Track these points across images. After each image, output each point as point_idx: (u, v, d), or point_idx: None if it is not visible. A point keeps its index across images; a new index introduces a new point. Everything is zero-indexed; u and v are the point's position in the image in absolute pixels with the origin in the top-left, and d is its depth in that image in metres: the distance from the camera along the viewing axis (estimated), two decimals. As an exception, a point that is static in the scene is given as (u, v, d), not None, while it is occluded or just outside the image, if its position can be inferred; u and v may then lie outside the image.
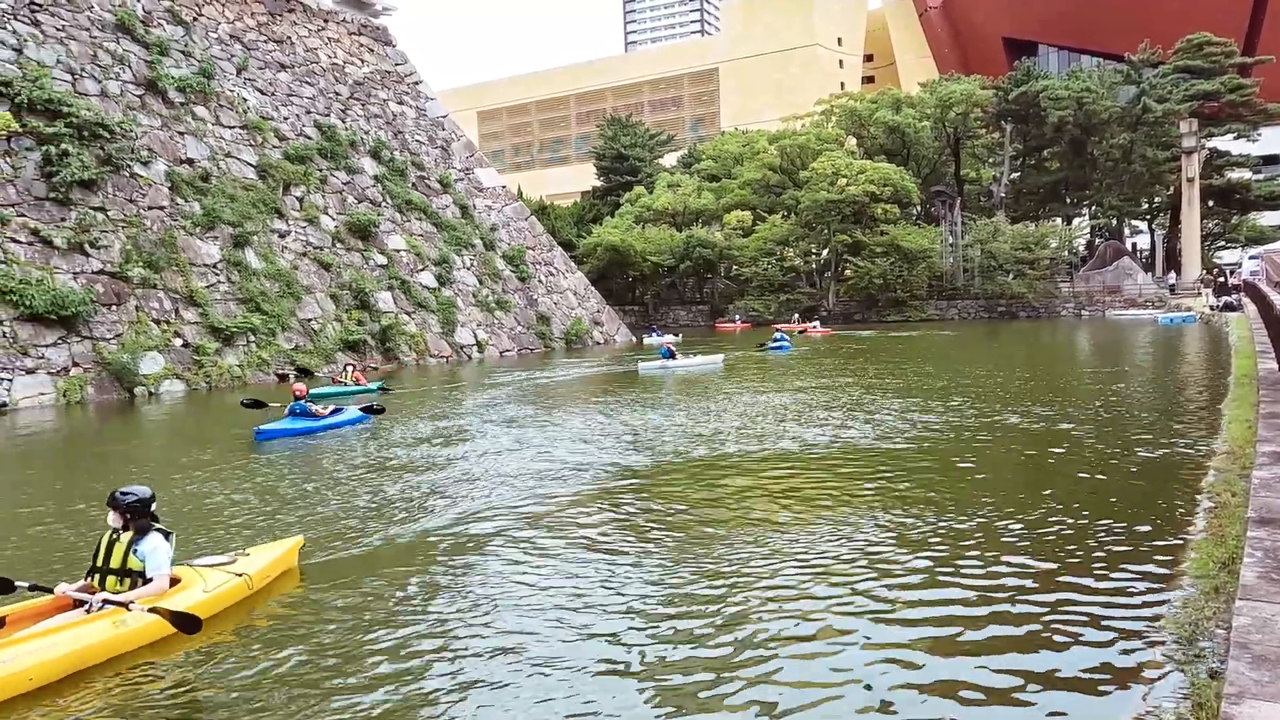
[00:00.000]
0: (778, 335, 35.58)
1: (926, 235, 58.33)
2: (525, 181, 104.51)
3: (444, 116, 46.59)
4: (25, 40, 27.52)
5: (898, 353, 31.82)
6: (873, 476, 10.70)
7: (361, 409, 17.20)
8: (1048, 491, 9.70)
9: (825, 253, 62.21)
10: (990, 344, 36.12)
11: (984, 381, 20.64)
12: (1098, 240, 66.73)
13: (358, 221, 34.93)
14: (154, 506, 6.46)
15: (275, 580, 7.35)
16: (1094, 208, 65.63)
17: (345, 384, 23.46)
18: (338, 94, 39.87)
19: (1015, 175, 65.36)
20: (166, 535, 6.47)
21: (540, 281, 43.93)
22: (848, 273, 60.36)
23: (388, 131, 41.33)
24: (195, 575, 6.66)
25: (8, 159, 24.69)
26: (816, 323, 51.91)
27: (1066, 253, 60.76)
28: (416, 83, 45.87)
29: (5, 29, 27.12)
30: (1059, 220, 66.10)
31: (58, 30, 28.89)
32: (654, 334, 46.80)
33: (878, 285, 56.79)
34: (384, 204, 37.73)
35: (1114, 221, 66.64)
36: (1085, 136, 58.48)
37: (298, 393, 16.30)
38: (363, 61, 42.94)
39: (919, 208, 64.66)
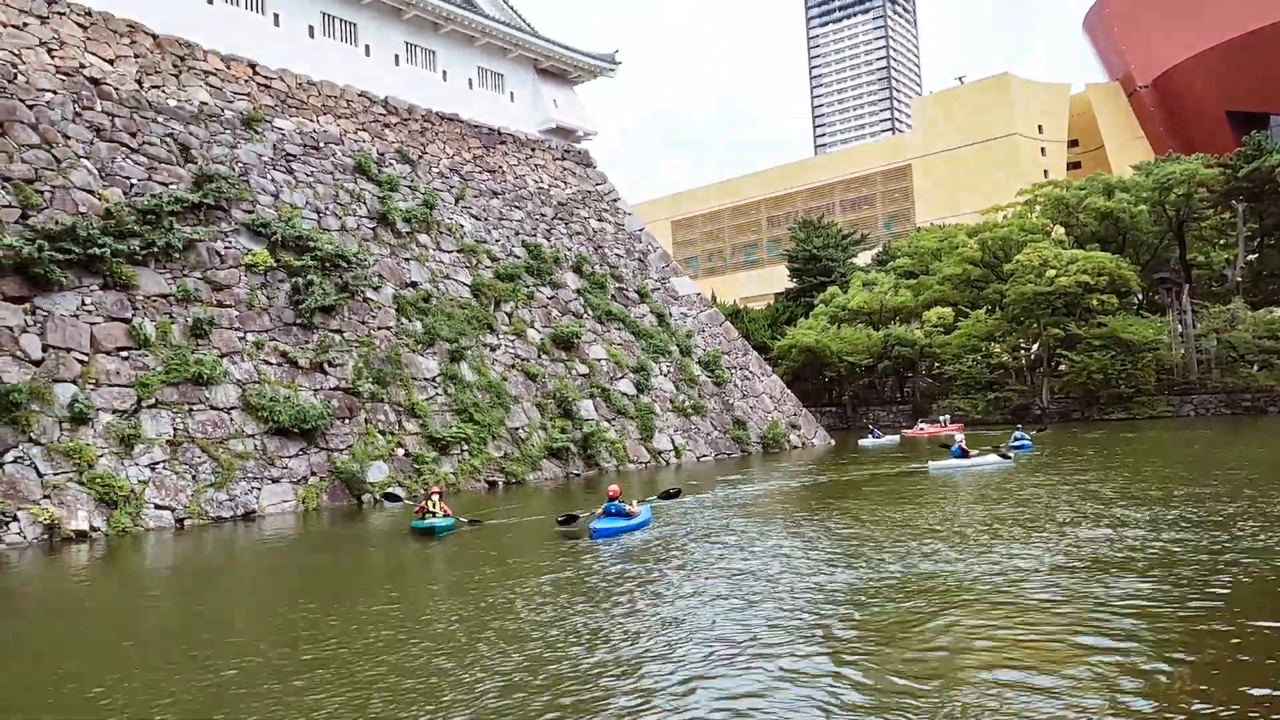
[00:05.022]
0: (1017, 434, 34.16)
1: (1151, 326, 54.08)
2: (718, 285, 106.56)
3: (641, 229, 48.59)
4: (281, 186, 31.40)
5: (1139, 454, 29.20)
6: (1121, 620, 9.71)
7: (663, 495, 18.12)
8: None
9: (1036, 347, 58.91)
10: (1241, 445, 32.46)
11: (1234, 491, 18.48)
12: (1362, 324, 59.23)
13: (561, 333, 36.62)
14: None
15: None
16: (1354, 288, 58.61)
17: (434, 514, 18.79)
18: (543, 215, 42.58)
19: (1252, 257, 59.78)
20: None
21: (736, 385, 44.07)
22: (1062, 368, 56.70)
23: (588, 247, 43.52)
24: None
25: (264, 290, 27.91)
26: (923, 425, 53.12)
27: (1324, 339, 54.31)
28: (615, 200, 48.28)
29: (266, 178, 31.09)
30: (1311, 304, 59.40)
31: (307, 175, 32.78)
32: (872, 435, 45.89)
33: (1098, 380, 52.87)
34: (585, 315, 39.44)
35: (1380, 302, 59.13)
36: (1335, 211, 52.85)
37: (612, 494, 17.34)
38: (566, 183, 45.80)
39: (1141, 296, 60.18)
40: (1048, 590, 10.49)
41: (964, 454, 27.18)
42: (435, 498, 19.08)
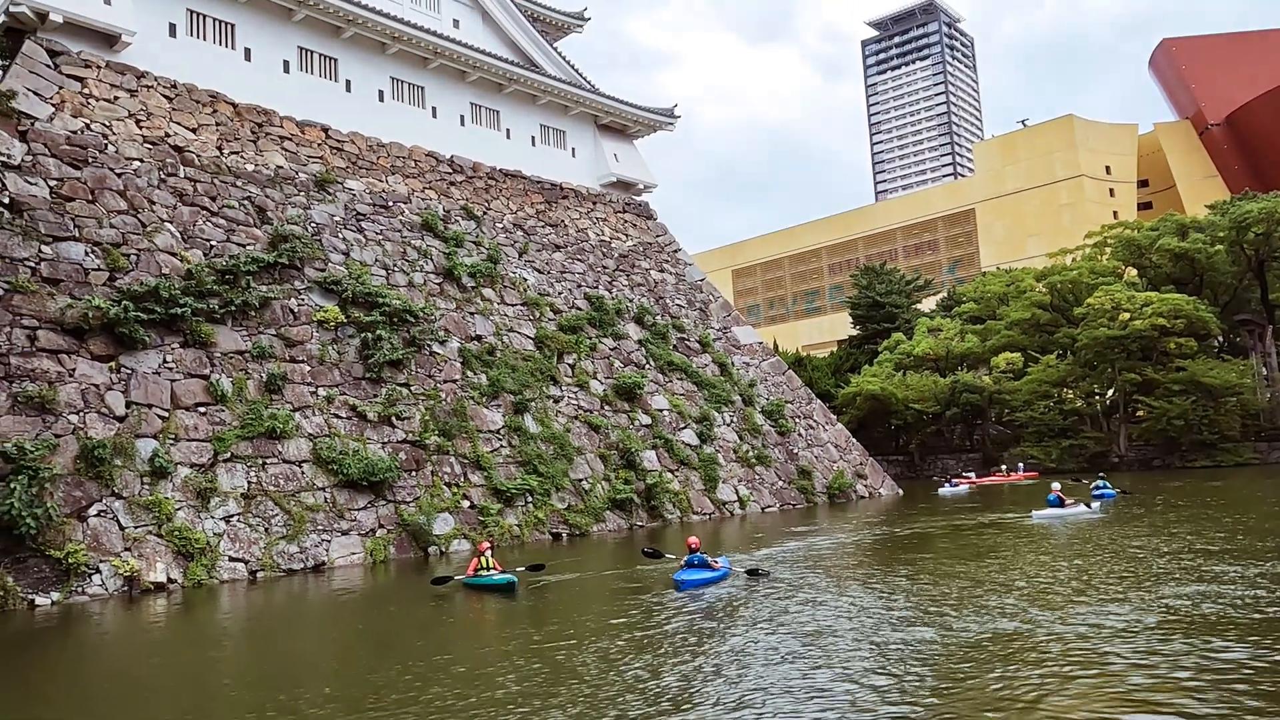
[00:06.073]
0: (1099, 481, 33.88)
1: (1234, 369, 52.08)
2: (780, 333, 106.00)
3: (702, 279, 48.73)
4: (351, 245, 32.31)
5: (1229, 504, 27.93)
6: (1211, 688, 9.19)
7: (749, 573, 18.14)
8: None
9: (1111, 393, 57.12)
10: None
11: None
12: None
13: (624, 384, 36.70)
14: None
15: None
16: None
17: (487, 573, 18.31)
18: (605, 267, 43.01)
19: (1340, 296, 57.38)
20: None
21: (800, 435, 43.53)
22: (1140, 414, 54.81)
23: (650, 298, 43.74)
24: None
25: (334, 346, 28.59)
26: (971, 474, 53.99)
27: None
28: (675, 250, 48.58)
29: (338, 237, 32.04)
30: (1406, 344, 56.63)
31: (376, 234, 33.70)
32: (949, 485, 45.13)
33: (1178, 427, 50.92)
34: (648, 366, 39.50)
35: None
36: None
37: (693, 545, 17.38)
38: (627, 235, 46.28)
39: (1221, 339, 58.13)
40: (1139, 653, 9.99)
41: (1060, 503, 27.50)
42: (487, 553, 18.53)
